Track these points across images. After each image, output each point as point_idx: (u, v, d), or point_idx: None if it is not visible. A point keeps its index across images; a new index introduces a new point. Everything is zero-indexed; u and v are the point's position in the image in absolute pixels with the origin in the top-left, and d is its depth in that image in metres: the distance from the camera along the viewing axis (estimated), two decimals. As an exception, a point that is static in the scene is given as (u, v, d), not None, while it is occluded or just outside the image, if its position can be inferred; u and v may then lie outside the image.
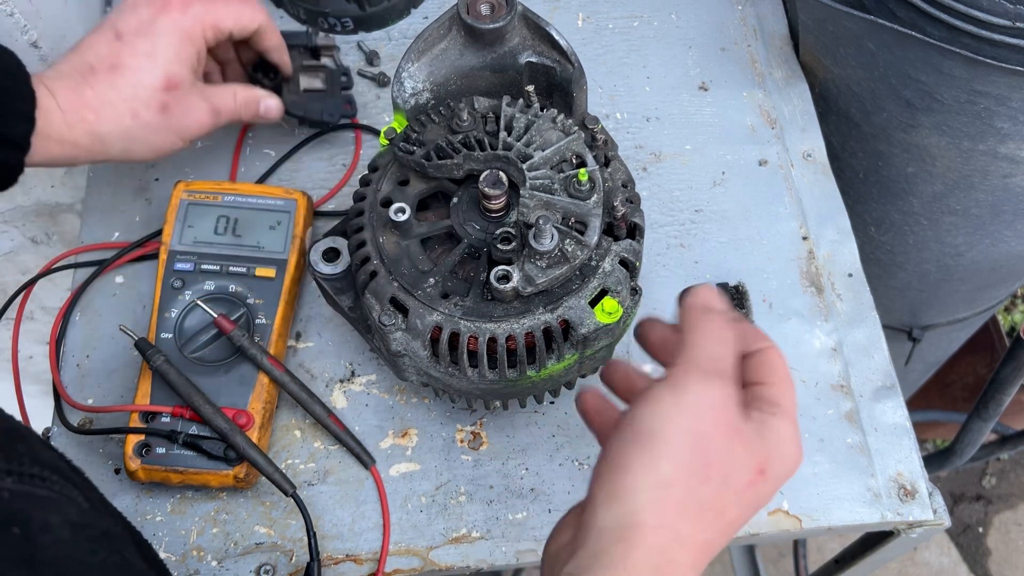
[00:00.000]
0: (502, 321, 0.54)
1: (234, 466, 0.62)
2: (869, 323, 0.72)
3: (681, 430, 0.40)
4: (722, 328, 0.43)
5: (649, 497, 0.39)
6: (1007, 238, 0.95)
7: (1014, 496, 1.83)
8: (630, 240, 0.57)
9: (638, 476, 0.40)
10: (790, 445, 0.43)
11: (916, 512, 0.65)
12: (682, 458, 0.40)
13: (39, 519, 0.35)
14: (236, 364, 0.65)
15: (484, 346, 0.54)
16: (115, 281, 0.73)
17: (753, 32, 0.87)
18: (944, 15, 0.72)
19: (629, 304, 0.56)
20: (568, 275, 0.54)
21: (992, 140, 0.79)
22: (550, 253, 0.53)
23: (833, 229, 0.76)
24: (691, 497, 0.40)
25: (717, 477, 0.40)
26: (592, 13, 0.88)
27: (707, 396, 0.41)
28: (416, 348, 0.55)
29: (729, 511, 0.41)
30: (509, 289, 0.53)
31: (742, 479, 0.41)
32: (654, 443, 0.40)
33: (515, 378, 0.55)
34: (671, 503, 0.39)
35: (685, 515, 0.40)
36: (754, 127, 0.81)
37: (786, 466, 0.43)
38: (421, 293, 0.55)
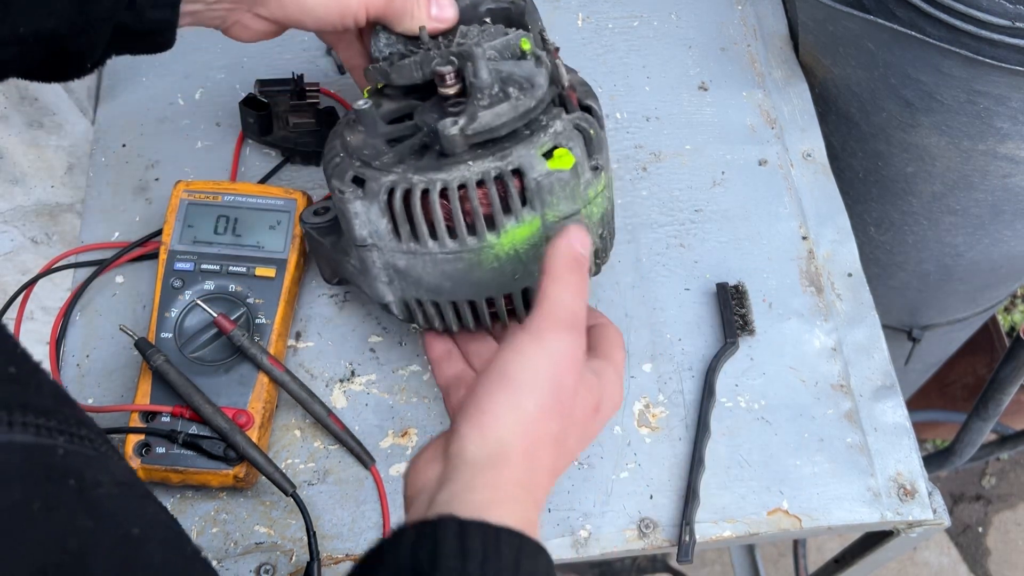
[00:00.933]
0: (452, 169, 0.53)
1: (234, 466, 0.62)
2: (869, 323, 0.72)
3: (542, 375, 0.46)
4: (581, 283, 0.49)
5: (515, 431, 0.45)
6: (1007, 238, 0.95)
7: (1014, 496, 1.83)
8: (584, 112, 0.57)
9: (507, 413, 0.45)
10: (615, 387, 0.52)
11: (916, 512, 0.65)
12: (543, 399, 0.46)
13: (91, 476, 0.36)
14: (236, 364, 0.65)
15: (437, 202, 0.53)
16: (115, 281, 0.73)
17: (753, 32, 0.87)
18: (944, 15, 0.72)
19: (590, 178, 0.55)
20: (514, 120, 0.54)
21: (992, 140, 0.79)
22: (490, 89, 0.54)
23: (833, 229, 0.76)
24: (548, 430, 0.46)
25: (567, 413, 0.47)
26: (592, 13, 0.88)
27: (565, 346, 0.47)
28: (377, 222, 0.55)
29: (571, 441, 0.49)
30: (455, 133, 0.53)
31: (582, 414, 0.49)
32: (520, 385, 0.46)
33: (476, 247, 0.54)
34: (533, 435, 0.45)
35: (543, 445, 0.46)
36: (754, 127, 0.81)
37: (613, 404, 0.52)
38: (378, 163, 0.55)
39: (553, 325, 0.47)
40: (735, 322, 0.70)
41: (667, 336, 0.71)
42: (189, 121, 0.81)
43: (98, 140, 0.80)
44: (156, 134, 0.80)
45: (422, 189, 0.53)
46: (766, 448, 0.67)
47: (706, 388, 0.68)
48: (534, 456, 0.46)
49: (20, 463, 0.33)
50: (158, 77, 0.83)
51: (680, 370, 0.70)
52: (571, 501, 0.65)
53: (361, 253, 0.57)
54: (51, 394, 0.37)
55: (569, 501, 0.65)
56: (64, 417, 0.36)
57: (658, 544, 0.64)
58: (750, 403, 0.69)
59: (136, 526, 0.36)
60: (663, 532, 0.64)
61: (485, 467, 0.44)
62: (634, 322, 0.71)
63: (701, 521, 0.64)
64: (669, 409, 0.68)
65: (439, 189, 0.53)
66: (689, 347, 0.71)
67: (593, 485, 0.66)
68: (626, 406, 0.68)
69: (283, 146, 0.77)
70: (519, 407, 0.46)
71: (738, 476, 0.66)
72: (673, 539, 0.64)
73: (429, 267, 0.56)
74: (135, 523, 0.37)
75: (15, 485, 0.32)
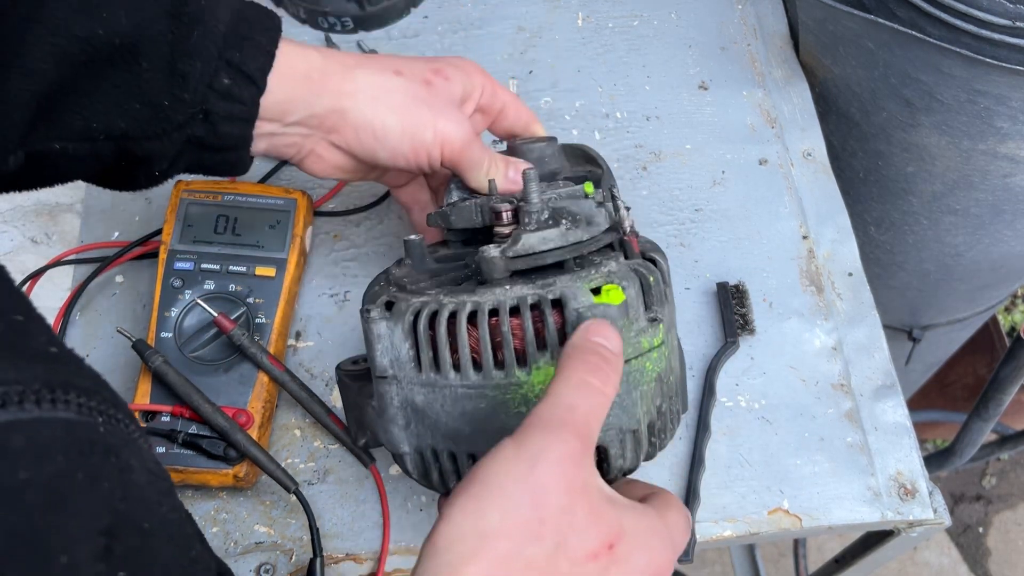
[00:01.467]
0: (486, 293, 0.48)
1: (234, 465, 0.62)
2: (869, 322, 0.72)
3: (515, 480, 0.38)
4: (591, 378, 0.41)
5: (472, 547, 0.37)
6: (1007, 238, 0.95)
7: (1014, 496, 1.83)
8: (647, 261, 0.52)
9: (465, 524, 0.37)
10: (654, 535, 0.41)
11: (916, 511, 0.65)
12: (512, 510, 0.37)
13: (125, 458, 0.36)
14: (236, 363, 0.65)
15: (463, 327, 0.48)
16: (115, 280, 0.73)
17: (753, 31, 0.87)
18: (944, 15, 0.72)
19: (644, 326, 0.48)
20: (562, 251, 0.50)
21: (992, 140, 0.79)
22: (539, 215, 0.50)
23: (833, 228, 0.76)
24: (518, 554, 0.37)
25: (551, 538, 0.37)
26: (592, 12, 0.88)
27: (551, 448, 0.38)
28: (400, 347, 0.50)
29: None
30: (495, 255, 0.48)
31: (583, 548, 0.38)
32: (486, 492, 0.38)
33: (503, 383, 0.48)
34: (496, 556, 0.37)
35: (510, 572, 0.37)
36: (754, 126, 0.81)
37: (648, 555, 0.40)
38: (413, 287, 0.51)
39: (538, 423, 0.39)
40: (735, 321, 0.70)
41: (667, 335, 0.71)
42: (189, 121, 0.81)
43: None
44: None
45: (450, 312, 0.48)
46: (766, 447, 0.67)
47: (706, 387, 0.68)
48: None
49: (63, 436, 0.34)
50: (158, 77, 0.83)
51: (680, 369, 0.70)
52: (571, 500, 0.65)
53: (380, 388, 0.51)
54: (90, 376, 0.38)
55: (569, 500, 0.65)
56: (103, 399, 0.37)
57: (658, 543, 0.64)
58: (750, 402, 0.69)
59: (149, 520, 0.36)
60: (663, 531, 0.64)
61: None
62: (634, 321, 0.71)
63: (701, 520, 0.64)
64: (669, 408, 0.68)
65: (468, 312, 0.48)
66: (689, 346, 0.70)
67: (593, 484, 0.66)
68: (626, 405, 0.68)
69: None
70: (482, 518, 0.37)
71: (738, 475, 0.66)
72: (673, 538, 0.64)
73: (448, 404, 0.49)
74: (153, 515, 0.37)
75: (58, 456, 0.33)
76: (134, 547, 0.34)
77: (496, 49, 0.85)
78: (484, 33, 0.86)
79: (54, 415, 0.34)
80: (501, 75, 0.83)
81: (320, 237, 0.75)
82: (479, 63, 0.62)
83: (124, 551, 0.34)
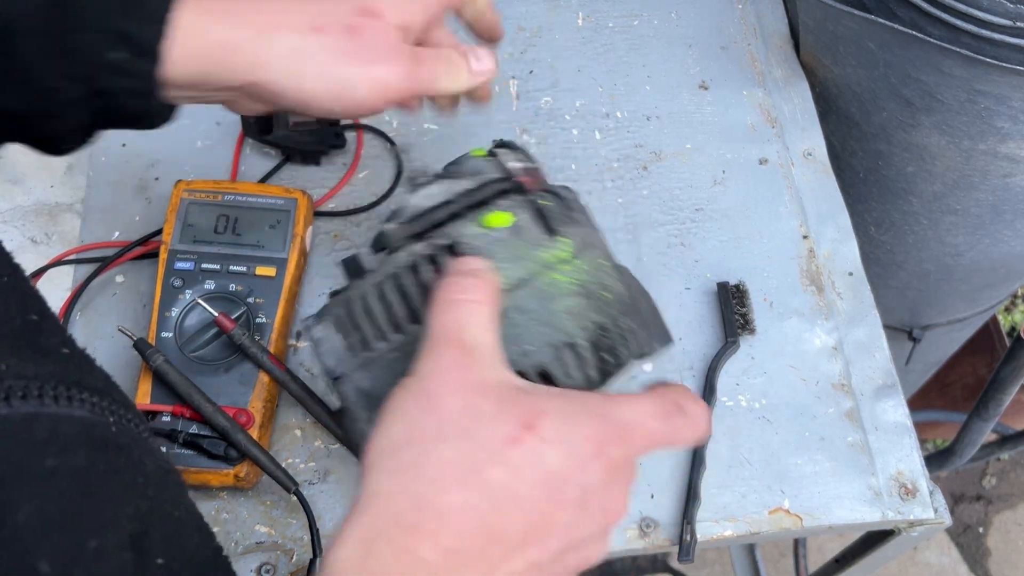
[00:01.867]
0: (388, 263, 0.49)
1: (234, 465, 0.62)
2: (869, 322, 0.72)
3: (412, 400, 0.39)
4: (458, 293, 0.42)
5: (381, 465, 0.38)
6: (1007, 238, 0.95)
7: (1014, 496, 1.83)
8: (545, 193, 0.52)
9: (373, 453, 0.38)
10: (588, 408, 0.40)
11: (917, 511, 0.65)
12: (411, 422, 0.38)
13: (137, 456, 0.37)
14: (236, 363, 0.65)
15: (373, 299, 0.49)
16: (115, 280, 0.73)
17: (753, 31, 0.87)
18: (944, 15, 0.72)
19: (543, 240, 0.48)
20: (450, 204, 0.50)
21: (992, 140, 0.79)
22: (425, 178, 0.51)
23: (833, 228, 0.76)
24: (426, 457, 0.37)
25: (455, 436, 0.37)
26: (592, 12, 0.88)
27: (434, 363, 0.40)
28: (334, 340, 0.50)
29: (489, 470, 0.37)
30: (390, 227, 0.50)
31: (496, 435, 0.38)
32: (388, 418, 0.39)
33: (418, 333, 0.48)
34: (402, 463, 0.37)
35: (420, 476, 0.37)
36: (754, 126, 0.81)
37: (585, 428, 0.39)
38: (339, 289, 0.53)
39: (423, 351, 0.41)
40: (736, 321, 0.70)
41: (668, 335, 0.71)
42: (189, 120, 0.80)
43: (98, 140, 0.80)
44: (156, 133, 0.78)
45: (362, 291, 0.49)
46: (767, 447, 0.67)
47: (707, 387, 0.68)
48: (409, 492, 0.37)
49: (80, 432, 0.34)
50: (158, 77, 0.83)
51: (681, 369, 0.70)
52: (572, 500, 0.65)
53: (338, 390, 0.51)
54: (101, 377, 0.38)
55: (570, 500, 0.65)
56: (113, 399, 0.37)
57: (659, 543, 0.64)
58: (751, 402, 0.69)
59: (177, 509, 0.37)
60: (664, 531, 0.64)
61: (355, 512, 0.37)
62: (635, 321, 0.71)
63: (702, 520, 0.64)
64: (670, 408, 0.68)
65: (376, 282, 0.49)
66: (690, 346, 0.70)
67: (594, 484, 0.66)
68: (627, 405, 0.68)
69: (283, 145, 0.77)
70: (385, 436, 0.39)
71: (739, 475, 0.66)
72: (674, 538, 0.64)
73: (385, 374, 0.50)
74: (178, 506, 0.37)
75: (79, 450, 0.33)
76: (168, 535, 0.35)
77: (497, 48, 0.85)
78: (484, 33, 0.86)
79: (70, 412, 0.34)
80: (501, 75, 0.83)
81: (320, 237, 0.75)
82: (479, 62, 0.61)
83: (158, 539, 0.34)
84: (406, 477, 0.37)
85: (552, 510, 0.38)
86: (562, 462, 0.38)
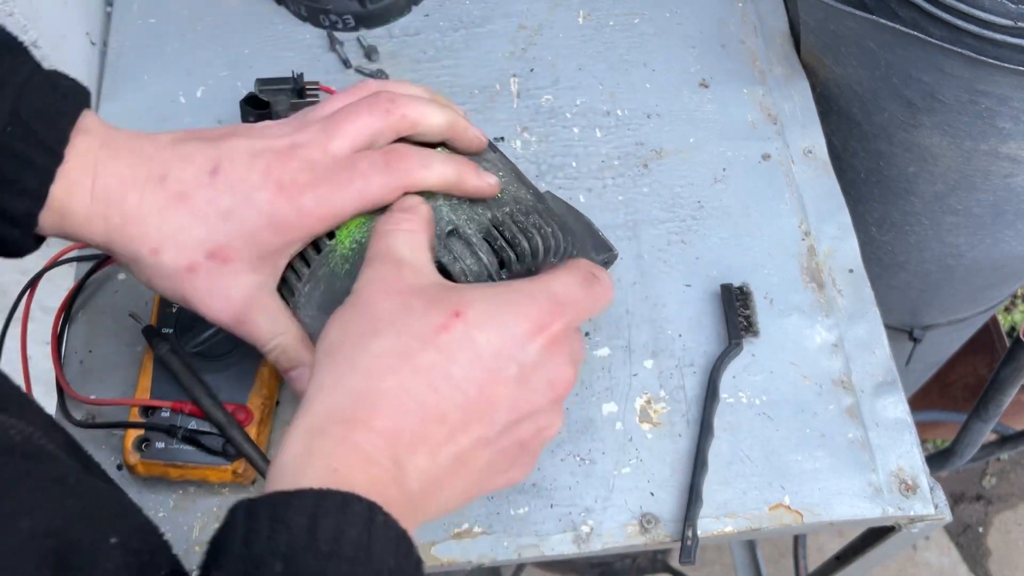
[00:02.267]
0: None
1: (232, 461, 0.62)
2: (870, 319, 0.72)
3: (347, 304, 0.43)
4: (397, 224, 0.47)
5: (320, 366, 0.41)
6: (1008, 238, 0.95)
7: (1014, 496, 1.83)
8: None
9: (315, 355, 0.42)
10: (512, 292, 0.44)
11: (917, 507, 0.65)
12: (346, 324, 0.42)
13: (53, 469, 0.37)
14: (236, 360, 0.65)
15: None
16: (117, 278, 0.73)
17: (753, 29, 0.87)
18: (946, 15, 0.72)
19: None
20: None
21: (994, 140, 0.79)
22: None
23: (834, 225, 0.76)
24: (362, 351, 0.41)
25: (389, 330, 0.41)
26: (593, 11, 0.88)
27: (370, 275, 0.44)
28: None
29: (421, 356, 0.41)
30: None
31: (428, 325, 0.41)
32: (327, 326, 0.43)
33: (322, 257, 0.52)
34: (340, 363, 0.41)
35: (355, 369, 0.40)
36: (755, 123, 0.81)
37: (511, 309, 0.43)
38: None
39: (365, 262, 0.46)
40: (739, 323, 0.70)
41: (668, 332, 0.71)
42: (191, 119, 0.81)
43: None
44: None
45: None
46: (767, 444, 0.67)
47: (709, 389, 0.68)
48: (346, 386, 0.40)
49: None
50: (160, 75, 0.83)
51: (681, 366, 0.70)
52: (572, 497, 0.65)
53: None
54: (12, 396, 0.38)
55: (570, 497, 0.65)
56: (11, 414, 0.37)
57: (660, 540, 0.64)
58: (751, 399, 0.69)
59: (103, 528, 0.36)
60: (664, 528, 0.64)
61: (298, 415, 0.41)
62: (635, 318, 0.71)
63: (702, 517, 0.64)
64: (671, 405, 0.68)
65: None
66: (690, 343, 0.71)
67: (595, 481, 0.66)
68: (628, 402, 0.68)
69: None
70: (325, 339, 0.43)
71: (739, 472, 0.66)
72: (674, 535, 0.64)
73: (312, 311, 0.52)
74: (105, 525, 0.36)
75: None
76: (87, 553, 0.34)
77: (497, 47, 0.85)
78: (485, 31, 0.86)
79: None
80: (502, 73, 0.83)
81: (321, 234, 0.75)
82: (480, 61, 0.62)
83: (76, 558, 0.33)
84: (341, 372, 0.41)
85: (491, 387, 0.41)
86: (494, 342, 0.42)
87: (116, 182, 0.49)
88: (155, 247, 0.49)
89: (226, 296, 0.51)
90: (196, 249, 0.49)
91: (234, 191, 0.49)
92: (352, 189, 0.49)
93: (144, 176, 0.49)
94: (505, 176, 0.56)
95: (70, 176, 0.48)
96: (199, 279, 0.50)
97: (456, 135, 0.54)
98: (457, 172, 0.51)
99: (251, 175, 0.49)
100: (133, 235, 0.49)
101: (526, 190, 0.57)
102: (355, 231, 0.51)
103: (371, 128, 0.51)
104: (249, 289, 0.51)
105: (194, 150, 0.50)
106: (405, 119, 0.51)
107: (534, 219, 0.54)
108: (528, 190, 0.57)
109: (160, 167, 0.50)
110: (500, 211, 0.53)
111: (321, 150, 0.50)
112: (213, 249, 0.49)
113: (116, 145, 0.50)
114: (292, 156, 0.49)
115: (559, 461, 0.66)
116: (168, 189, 0.49)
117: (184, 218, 0.49)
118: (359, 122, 0.50)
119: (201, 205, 0.49)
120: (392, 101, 0.51)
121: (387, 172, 0.49)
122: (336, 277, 0.51)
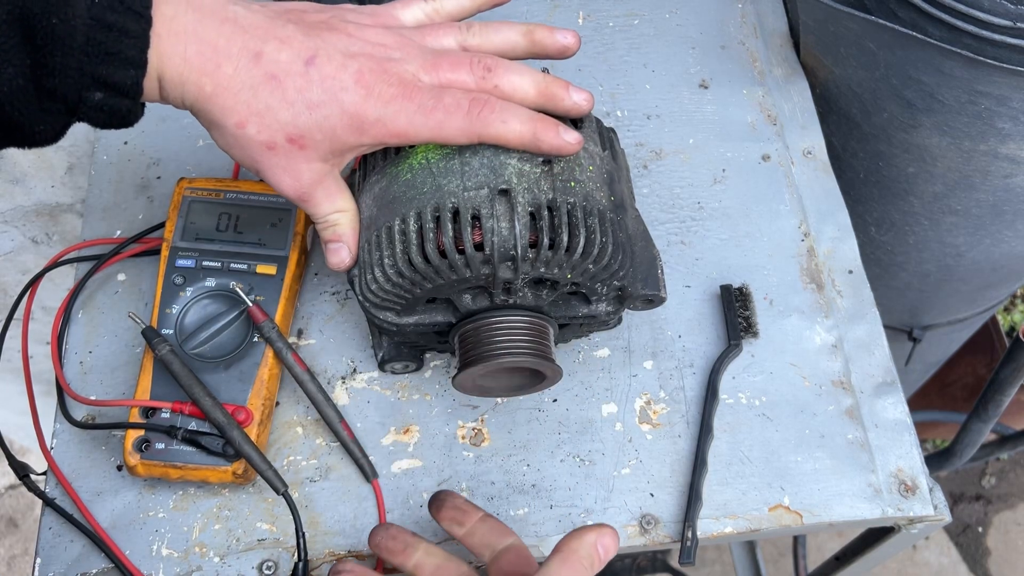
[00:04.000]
0: None
1: (232, 462, 0.62)
2: (869, 319, 0.72)
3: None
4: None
5: None
6: (1008, 238, 0.95)
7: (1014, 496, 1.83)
8: None
9: None
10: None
11: (917, 507, 0.65)
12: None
13: None
14: (236, 361, 0.65)
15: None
16: (117, 278, 0.73)
17: (753, 30, 0.87)
18: (945, 15, 0.72)
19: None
20: None
21: (993, 140, 0.79)
22: None
23: (833, 226, 0.76)
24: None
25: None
26: (592, 11, 0.88)
27: None
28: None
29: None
30: None
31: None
32: None
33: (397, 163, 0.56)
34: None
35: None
36: (754, 124, 0.81)
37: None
38: None
39: None
40: (739, 324, 0.70)
41: (668, 333, 0.71)
42: (191, 119, 0.80)
43: (99, 138, 0.80)
44: (158, 132, 0.80)
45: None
46: (767, 444, 0.67)
47: (709, 391, 0.68)
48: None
49: None
50: (160, 75, 0.83)
51: (681, 367, 0.70)
52: (572, 498, 0.65)
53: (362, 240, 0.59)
54: None
55: (571, 497, 0.65)
56: None
57: (659, 540, 0.64)
58: (751, 400, 0.69)
59: None
60: (664, 528, 0.64)
61: None
62: (635, 319, 0.72)
63: (703, 518, 0.64)
64: (670, 406, 0.68)
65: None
66: (690, 344, 0.71)
67: (595, 482, 0.66)
68: (628, 402, 0.68)
69: None
70: None
71: (739, 472, 0.66)
72: (674, 535, 0.64)
73: (369, 199, 0.58)
74: None
75: None
76: None
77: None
78: (485, 32, 0.86)
79: None
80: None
81: (321, 235, 0.75)
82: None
83: None
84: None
85: None
86: None
87: (210, 50, 0.51)
88: (241, 120, 0.53)
89: (296, 176, 0.55)
90: (278, 131, 0.53)
91: (324, 86, 0.52)
92: (432, 119, 0.53)
93: (239, 49, 0.52)
94: (592, 174, 0.57)
95: (162, 40, 0.50)
96: (275, 157, 0.54)
97: (550, 105, 0.57)
98: (533, 132, 0.54)
99: (343, 75, 0.53)
100: (222, 106, 0.52)
101: (606, 195, 0.57)
102: (429, 153, 0.55)
103: (464, 86, 0.55)
104: (317, 174, 0.56)
105: (292, 34, 0.53)
106: (497, 89, 0.55)
107: (592, 222, 0.54)
108: (609, 196, 0.57)
109: (256, 43, 0.52)
110: (562, 197, 0.54)
111: (413, 74, 0.54)
112: (293, 135, 0.53)
113: (204, 10, 0.51)
114: (385, 69, 0.53)
115: (559, 462, 0.66)
116: (263, 67, 0.52)
117: (273, 99, 0.52)
118: (455, 75, 0.55)
119: (291, 91, 0.52)
120: (489, 69, 0.55)
121: (467, 117, 0.53)
122: (396, 180, 0.56)
